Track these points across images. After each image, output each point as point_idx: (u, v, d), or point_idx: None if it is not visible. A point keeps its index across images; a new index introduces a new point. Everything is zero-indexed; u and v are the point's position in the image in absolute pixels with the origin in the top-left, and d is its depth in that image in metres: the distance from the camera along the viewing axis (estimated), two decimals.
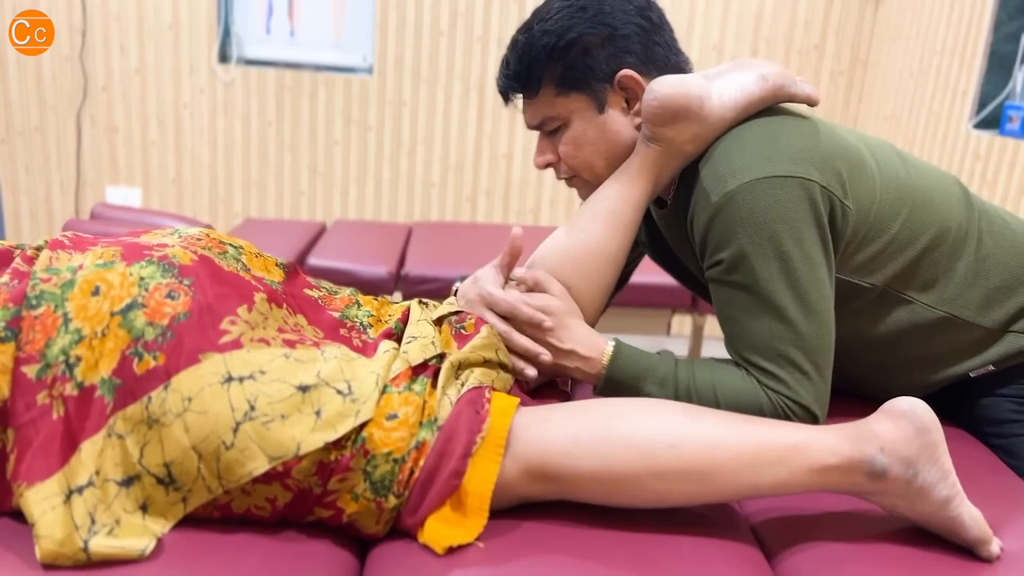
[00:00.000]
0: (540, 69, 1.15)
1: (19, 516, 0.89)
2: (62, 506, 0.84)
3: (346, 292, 1.18)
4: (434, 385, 0.97)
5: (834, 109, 3.82)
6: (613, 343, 1.10)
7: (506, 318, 1.10)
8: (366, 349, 1.03)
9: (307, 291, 1.10)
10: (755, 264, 1.03)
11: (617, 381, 1.09)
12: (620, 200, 1.14)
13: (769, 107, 1.14)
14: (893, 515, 0.97)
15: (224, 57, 3.73)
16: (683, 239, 1.17)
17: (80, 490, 0.86)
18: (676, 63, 1.18)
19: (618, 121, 1.16)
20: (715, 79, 1.13)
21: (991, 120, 2.86)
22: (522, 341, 1.09)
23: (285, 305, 1.03)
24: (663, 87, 1.09)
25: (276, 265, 1.10)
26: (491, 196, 3.89)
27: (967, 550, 0.94)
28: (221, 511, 0.91)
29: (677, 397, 1.06)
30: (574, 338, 1.10)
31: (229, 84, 3.73)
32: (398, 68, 3.72)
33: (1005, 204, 2.69)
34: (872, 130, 3.66)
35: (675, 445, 0.93)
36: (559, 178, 1.24)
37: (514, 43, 1.18)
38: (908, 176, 1.16)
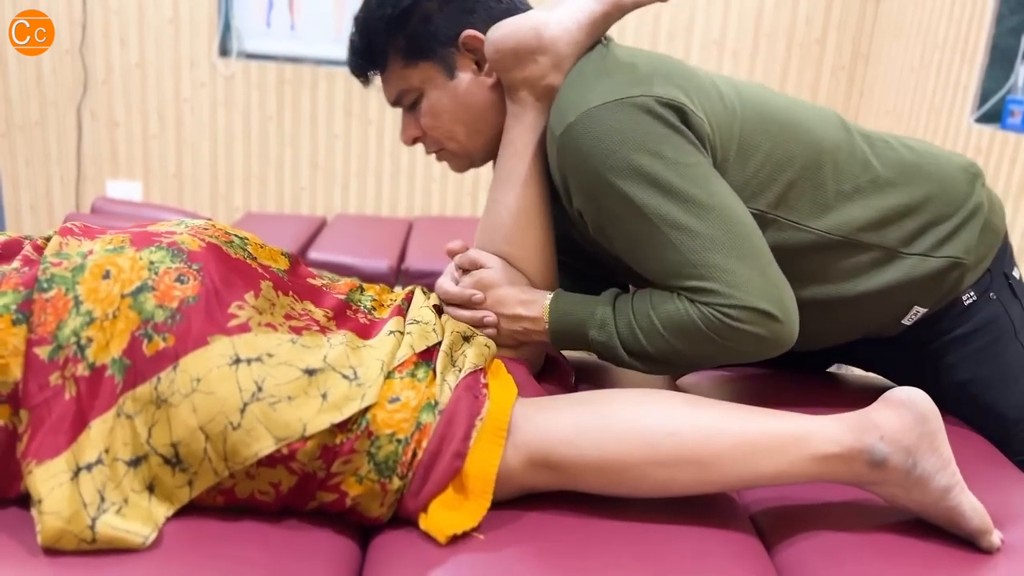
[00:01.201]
0: (383, 43, 1.14)
1: (24, 504, 0.89)
2: (69, 483, 0.85)
3: (348, 280, 1.19)
4: (435, 372, 0.98)
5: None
6: (550, 296, 1.10)
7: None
8: (373, 327, 1.04)
9: (310, 280, 1.12)
10: (624, 191, 1.00)
11: (563, 333, 1.08)
12: (511, 157, 1.13)
13: (612, 42, 1.13)
14: (893, 506, 0.97)
15: (224, 51, 3.72)
16: (558, 200, 1.14)
17: (89, 467, 0.87)
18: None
19: (471, 83, 1.14)
20: (553, 9, 1.11)
21: (992, 114, 2.86)
22: (464, 315, 1.11)
23: (291, 292, 1.04)
24: (495, 33, 1.09)
25: (281, 254, 1.12)
26: None
27: (968, 541, 0.94)
28: (225, 496, 0.92)
29: (620, 335, 1.04)
30: (516, 302, 1.10)
31: (229, 78, 3.73)
32: None
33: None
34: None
35: (676, 433, 0.93)
36: (428, 153, 1.23)
37: (355, 20, 1.17)
38: (773, 99, 1.14)
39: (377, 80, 1.21)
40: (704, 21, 3.73)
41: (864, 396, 1.35)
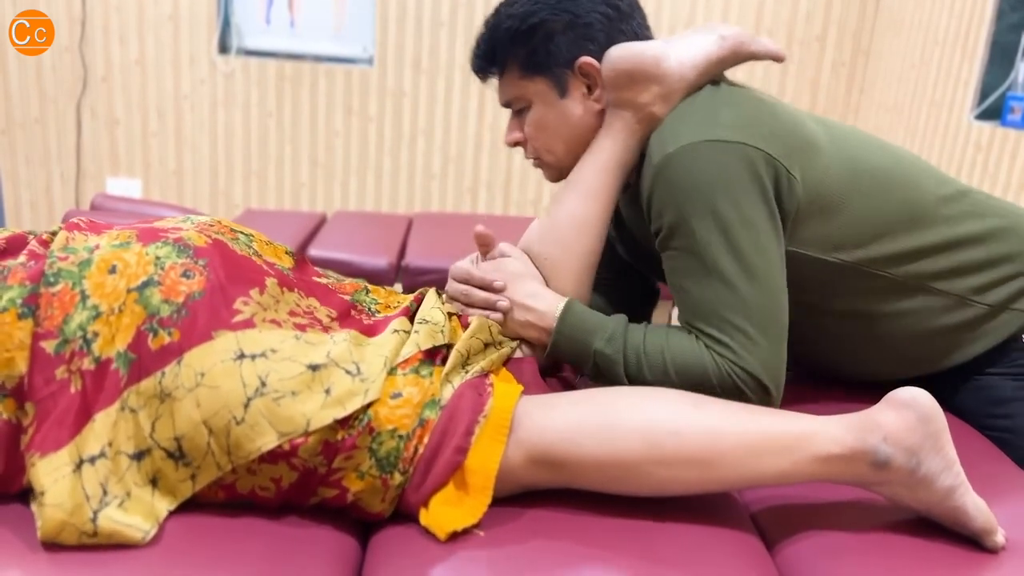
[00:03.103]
0: (505, 52, 1.18)
1: (26, 500, 0.89)
2: (72, 475, 0.85)
3: (354, 280, 1.20)
4: (441, 369, 0.98)
5: (836, 100, 3.81)
6: (566, 300, 1.12)
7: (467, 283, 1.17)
8: (377, 326, 1.04)
9: (316, 279, 1.12)
10: (694, 227, 1.04)
11: (568, 336, 1.10)
12: (591, 168, 1.16)
13: (727, 81, 1.17)
14: (897, 505, 0.97)
15: (224, 48, 3.72)
16: (642, 218, 1.17)
17: (92, 460, 0.87)
18: None
19: (579, 106, 1.17)
20: (675, 42, 1.15)
21: (993, 111, 2.86)
22: (478, 296, 1.14)
23: (296, 289, 1.04)
24: (617, 51, 1.12)
25: (286, 252, 1.12)
26: (491, 187, 3.89)
27: (971, 540, 0.94)
28: (226, 492, 0.92)
29: (625, 357, 1.06)
30: (528, 293, 1.12)
31: (229, 75, 3.73)
32: (399, 59, 3.71)
33: (1006, 194, 2.69)
34: (874, 121, 3.66)
35: (678, 432, 0.93)
36: (527, 158, 1.26)
37: (484, 23, 1.22)
38: (868, 154, 1.17)
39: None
40: (704, 17, 3.72)
41: (864, 394, 1.35)
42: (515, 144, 1.25)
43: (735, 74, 1.20)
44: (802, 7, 3.72)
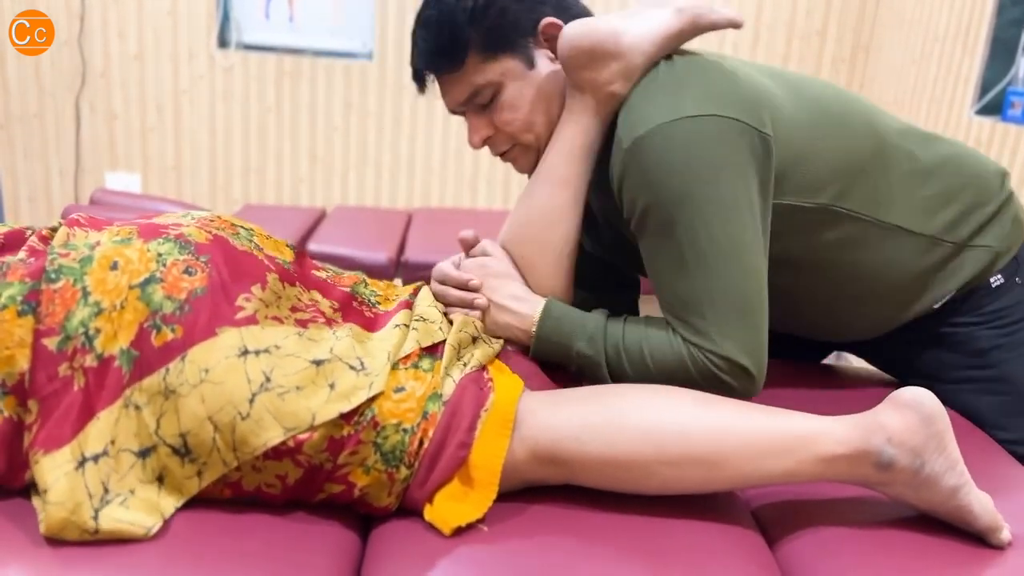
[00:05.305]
0: (463, 37, 1.12)
1: (28, 495, 0.89)
2: (74, 472, 0.85)
3: (352, 273, 1.20)
4: (440, 364, 0.98)
5: None
6: (546, 300, 1.10)
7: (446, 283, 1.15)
8: (378, 320, 1.05)
9: (315, 272, 1.12)
10: (669, 213, 1.01)
11: (548, 339, 1.09)
12: (558, 156, 1.13)
13: (683, 51, 1.13)
14: (901, 504, 0.97)
15: (223, 42, 3.71)
16: (609, 198, 1.13)
17: (95, 459, 0.87)
18: (589, 12, 1.17)
19: (549, 72, 1.14)
20: (630, 17, 1.11)
21: (993, 106, 2.85)
22: (454, 295, 1.12)
23: (298, 283, 1.04)
24: (572, 29, 1.08)
25: (286, 246, 1.12)
26: (491, 182, 3.89)
27: (975, 537, 0.94)
28: (232, 489, 0.92)
29: (607, 355, 1.05)
30: (509, 295, 1.11)
31: (228, 70, 3.72)
32: (398, 53, 3.70)
33: None
34: None
35: (684, 432, 0.93)
36: (495, 153, 1.21)
37: (426, 20, 1.16)
38: (824, 94, 1.16)
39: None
40: None
41: (867, 388, 1.35)
42: (485, 142, 1.19)
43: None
44: (802, 2, 3.71)
